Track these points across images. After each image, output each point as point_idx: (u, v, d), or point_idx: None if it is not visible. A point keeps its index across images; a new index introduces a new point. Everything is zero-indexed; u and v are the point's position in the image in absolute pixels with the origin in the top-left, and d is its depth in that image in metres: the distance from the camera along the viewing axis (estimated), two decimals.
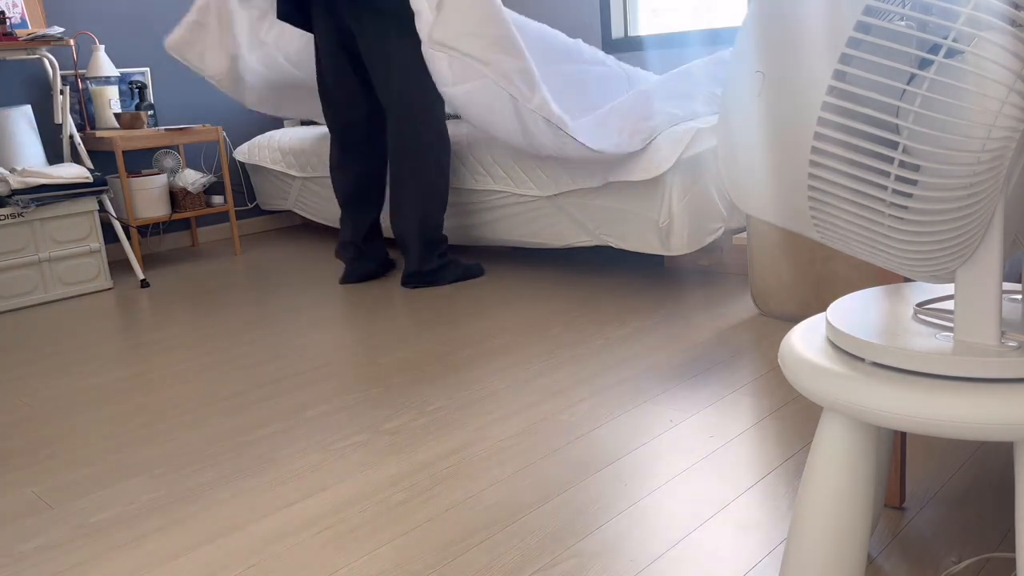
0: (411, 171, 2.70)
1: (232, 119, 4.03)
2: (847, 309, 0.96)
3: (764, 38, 0.81)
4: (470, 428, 1.68)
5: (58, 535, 1.39)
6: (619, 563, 1.19)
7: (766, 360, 1.94)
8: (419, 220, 2.73)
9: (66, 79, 3.49)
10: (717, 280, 2.64)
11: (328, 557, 1.26)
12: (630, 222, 2.49)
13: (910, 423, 0.81)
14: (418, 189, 2.71)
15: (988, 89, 0.70)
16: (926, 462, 1.42)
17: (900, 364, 0.84)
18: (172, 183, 3.55)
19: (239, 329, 2.49)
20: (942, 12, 0.72)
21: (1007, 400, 0.77)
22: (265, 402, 1.90)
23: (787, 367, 0.93)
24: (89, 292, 3.12)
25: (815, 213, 0.84)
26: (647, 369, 1.93)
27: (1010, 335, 0.83)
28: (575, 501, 1.37)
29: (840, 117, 0.76)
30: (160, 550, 1.32)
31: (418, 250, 2.77)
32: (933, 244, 0.78)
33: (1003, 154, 0.72)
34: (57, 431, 1.83)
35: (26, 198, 2.89)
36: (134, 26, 3.68)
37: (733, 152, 0.88)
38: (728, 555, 1.20)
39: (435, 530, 1.31)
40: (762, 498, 1.34)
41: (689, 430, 1.60)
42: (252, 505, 1.44)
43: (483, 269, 2.91)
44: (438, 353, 2.14)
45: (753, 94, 0.82)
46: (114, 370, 2.21)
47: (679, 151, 2.33)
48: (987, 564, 1.14)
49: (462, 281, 2.84)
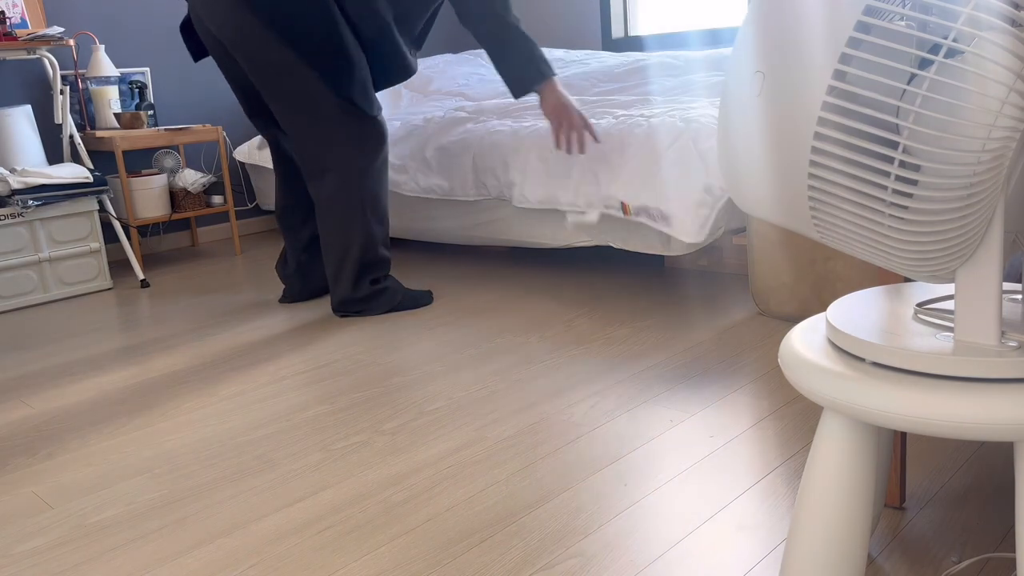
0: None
1: (232, 119, 4.03)
2: (847, 309, 0.96)
3: (764, 38, 0.81)
4: (470, 428, 1.68)
5: (58, 535, 1.39)
6: (619, 563, 1.19)
7: (766, 360, 1.93)
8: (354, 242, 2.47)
9: (66, 79, 3.49)
10: (717, 280, 2.64)
11: (328, 557, 1.26)
12: (631, 222, 2.49)
13: (910, 423, 0.81)
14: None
15: (988, 89, 0.70)
16: (926, 462, 1.42)
17: (900, 364, 0.84)
18: (172, 183, 3.55)
19: (239, 329, 2.49)
20: (942, 12, 0.72)
21: (1007, 400, 0.77)
22: (265, 402, 1.90)
23: (787, 367, 0.93)
24: (89, 292, 3.12)
25: (815, 213, 0.84)
26: (647, 369, 1.93)
27: (1010, 335, 0.83)
28: (575, 501, 1.37)
29: (840, 117, 0.76)
30: (160, 550, 1.32)
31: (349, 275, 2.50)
32: (933, 244, 0.78)
33: (1003, 154, 0.72)
34: (57, 431, 1.83)
35: (26, 198, 2.89)
36: (134, 26, 3.68)
37: (733, 152, 0.88)
38: (728, 555, 1.20)
39: (435, 530, 1.31)
40: (762, 498, 1.34)
41: (689, 430, 1.60)
42: (252, 505, 1.44)
43: (431, 297, 2.63)
44: (438, 353, 2.14)
45: (753, 94, 0.82)
46: (114, 370, 2.21)
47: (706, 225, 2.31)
48: (987, 564, 1.14)
49: (401, 311, 2.56)
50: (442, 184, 2.92)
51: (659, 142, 2.37)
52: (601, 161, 2.47)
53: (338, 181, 2.43)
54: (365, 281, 2.51)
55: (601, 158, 2.48)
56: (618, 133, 2.47)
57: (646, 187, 2.37)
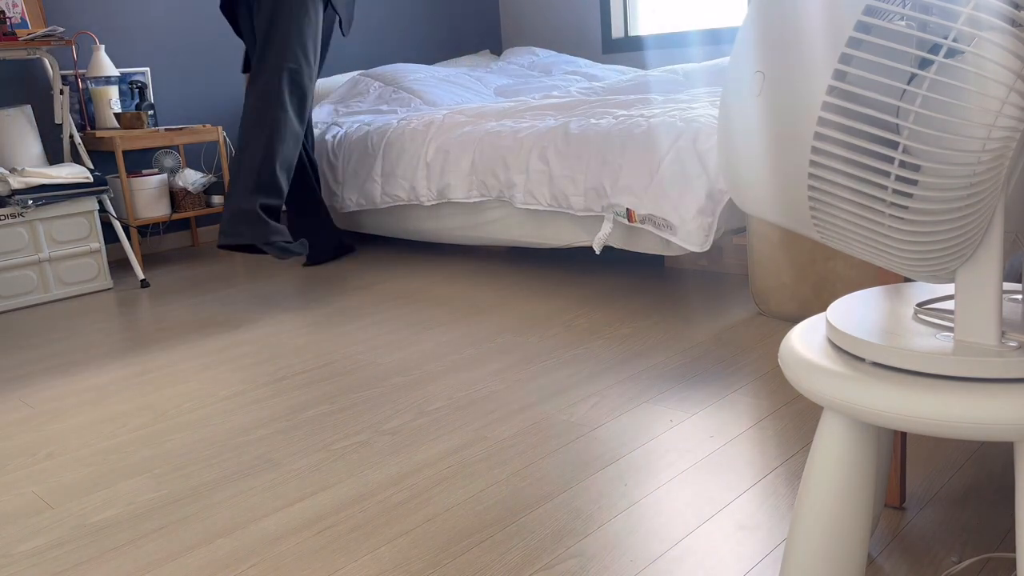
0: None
1: (232, 119, 4.02)
2: (847, 309, 0.96)
3: (764, 38, 0.81)
4: (470, 428, 1.68)
5: (58, 535, 1.39)
6: (619, 563, 1.19)
7: (766, 360, 1.94)
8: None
9: (66, 79, 3.49)
10: (717, 280, 2.64)
11: (328, 557, 1.26)
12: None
13: (910, 423, 0.81)
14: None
15: (988, 89, 0.70)
16: (926, 462, 1.42)
17: (900, 364, 0.84)
18: (172, 183, 3.55)
19: (239, 329, 2.49)
20: (942, 12, 0.72)
21: (1007, 400, 0.77)
22: (265, 402, 1.90)
23: (787, 367, 0.93)
24: (89, 292, 3.12)
25: (815, 213, 0.84)
26: (647, 369, 1.93)
27: (1010, 335, 0.83)
28: (575, 501, 1.37)
29: (840, 117, 0.76)
30: (160, 550, 1.32)
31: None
32: (933, 244, 0.78)
33: (1003, 154, 0.72)
34: (57, 431, 1.83)
35: (26, 198, 2.89)
36: (134, 26, 3.68)
37: (733, 152, 0.88)
38: (728, 555, 1.20)
39: (435, 530, 1.31)
40: (762, 498, 1.34)
41: (689, 430, 1.60)
42: (252, 505, 1.44)
43: (306, 247, 2.87)
44: (438, 353, 2.14)
45: (753, 94, 0.82)
46: (114, 370, 2.21)
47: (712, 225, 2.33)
48: (987, 564, 1.14)
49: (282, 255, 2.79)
50: (442, 188, 2.92)
51: (659, 142, 2.38)
52: (601, 162, 2.47)
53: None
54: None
55: (601, 158, 2.48)
56: (618, 133, 2.47)
57: (648, 190, 2.37)
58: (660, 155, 2.36)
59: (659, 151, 2.36)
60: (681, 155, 2.33)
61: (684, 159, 2.32)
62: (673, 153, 2.34)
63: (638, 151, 2.40)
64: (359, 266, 3.22)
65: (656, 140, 2.38)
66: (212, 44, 3.92)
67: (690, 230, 2.31)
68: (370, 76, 3.97)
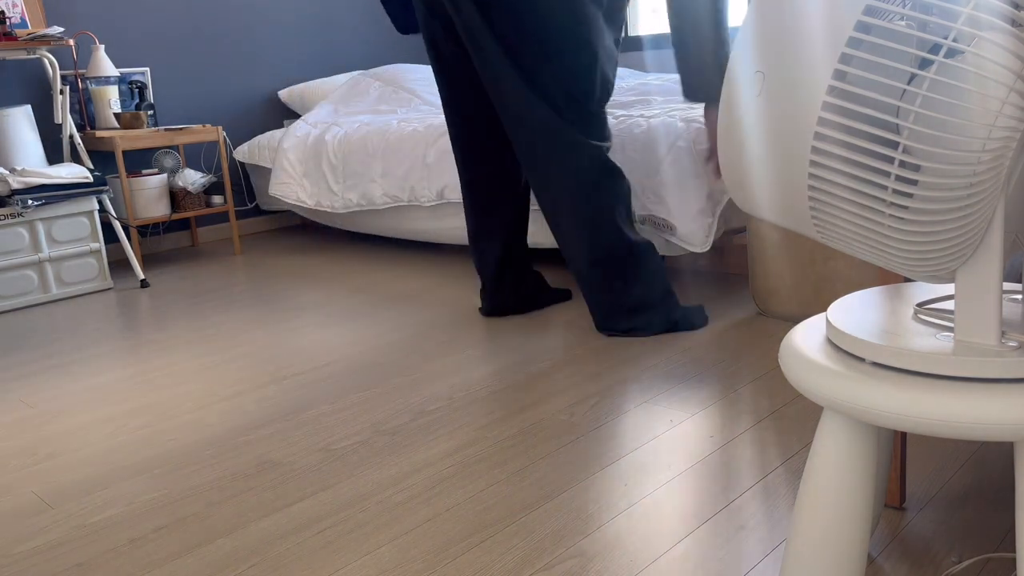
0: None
1: (232, 119, 4.03)
2: (847, 309, 0.96)
3: (764, 38, 0.81)
4: (470, 428, 1.68)
5: (58, 535, 1.39)
6: (619, 563, 1.19)
7: (766, 360, 1.93)
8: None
9: (66, 79, 3.49)
10: (717, 280, 2.64)
11: (328, 557, 1.26)
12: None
13: (910, 423, 0.81)
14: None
15: (988, 89, 0.70)
16: (926, 462, 1.42)
17: (900, 364, 0.84)
18: (172, 183, 3.55)
19: (239, 329, 2.49)
20: (942, 12, 0.72)
21: (1007, 400, 0.77)
22: (265, 402, 1.90)
23: (787, 367, 0.93)
24: (89, 292, 3.12)
25: (815, 213, 0.84)
26: (647, 369, 1.93)
27: (1010, 335, 0.83)
28: (575, 501, 1.37)
29: (840, 117, 0.76)
30: (160, 550, 1.32)
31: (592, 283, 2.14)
32: (933, 244, 0.78)
33: (1003, 154, 0.72)
34: (57, 431, 1.83)
35: (26, 198, 2.89)
36: (134, 26, 3.68)
37: (733, 152, 0.88)
38: (728, 555, 1.20)
39: (435, 530, 1.31)
40: (762, 498, 1.34)
41: (689, 430, 1.60)
42: (252, 505, 1.44)
43: (706, 318, 2.22)
44: (438, 353, 2.14)
45: (753, 94, 0.82)
46: (114, 370, 2.21)
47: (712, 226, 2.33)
48: (987, 564, 1.14)
49: (674, 332, 2.16)
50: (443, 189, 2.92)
51: (659, 143, 2.38)
52: None
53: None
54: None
55: None
56: (618, 133, 2.47)
57: (648, 190, 2.37)
58: (660, 155, 2.36)
59: (659, 151, 2.36)
60: (681, 155, 2.33)
61: (684, 159, 2.32)
62: (673, 153, 2.34)
63: (638, 151, 2.40)
64: (359, 267, 3.22)
65: (656, 140, 2.38)
66: (212, 44, 3.92)
67: (690, 230, 2.32)
68: (370, 76, 3.97)
